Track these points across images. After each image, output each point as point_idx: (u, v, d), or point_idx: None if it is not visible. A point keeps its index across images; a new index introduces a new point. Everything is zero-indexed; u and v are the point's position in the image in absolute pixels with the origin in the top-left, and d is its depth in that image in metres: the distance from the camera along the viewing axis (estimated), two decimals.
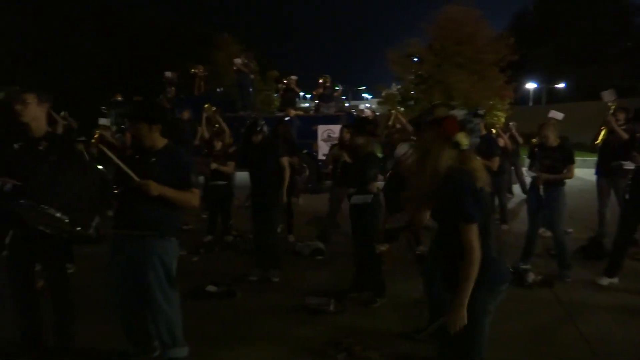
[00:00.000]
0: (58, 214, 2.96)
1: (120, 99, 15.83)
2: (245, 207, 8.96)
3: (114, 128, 13.02)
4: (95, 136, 8.27)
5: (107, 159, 3.19)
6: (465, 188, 2.31)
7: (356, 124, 5.30)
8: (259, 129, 5.64)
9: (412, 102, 23.87)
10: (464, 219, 2.29)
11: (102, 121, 9.46)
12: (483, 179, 2.38)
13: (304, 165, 12.80)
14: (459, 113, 2.44)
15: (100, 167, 3.20)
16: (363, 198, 4.52)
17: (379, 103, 28.87)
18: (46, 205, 2.96)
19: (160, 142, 3.36)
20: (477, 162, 2.42)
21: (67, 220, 3.01)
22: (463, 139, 2.38)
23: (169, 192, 3.21)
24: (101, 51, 29.00)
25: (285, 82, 14.88)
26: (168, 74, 15.37)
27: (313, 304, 4.63)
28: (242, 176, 10.81)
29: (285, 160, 5.80)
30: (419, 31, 24.06)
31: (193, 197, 3.33)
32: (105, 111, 15.96)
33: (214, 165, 7.07)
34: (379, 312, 4.63)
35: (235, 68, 15.00)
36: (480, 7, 22.61)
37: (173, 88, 15.42)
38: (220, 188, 7.27)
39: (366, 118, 6.52)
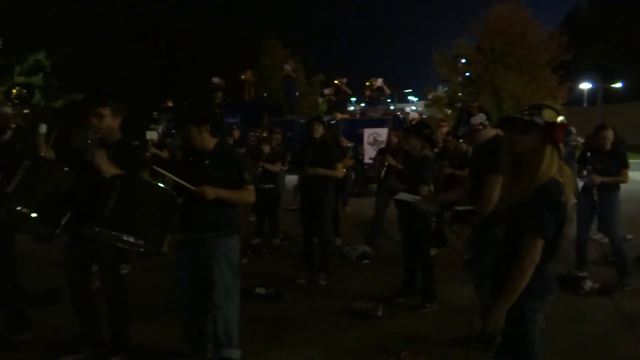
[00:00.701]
0: (132, 239, 3.13)
1: (171, 104, 16.32)
2: (291, 210, 9.09)
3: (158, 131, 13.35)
4: (148, 154, 8.51)
5: (162, 176, 3.32)
6: (553, 203, 2.18)
7: (413, 127, 5.27)
8: (319, 122, 5.72)
9: (459, 105, 23.46)
10: (536, 231, 2.18)
11: (150, 135, 9.71)
12: (569, 193, 2.25)
13: (350, 169, 12.80)
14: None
15: (162, 185, 3.32)
16: (409, 196, 4.49)
17: (425, 106, 28.54)
18: (120, 231, 3.11)
19: (211, 142, 3.45)
20: (568, 175, 2.30)
21: (141, 243, 3.19)
22: (562, 148, 2.29)
23: (225, 194, 3.30)
24: (153, 59, 29.97)
25: (337, 83, 14.89)
26: (215, 79, 15.73)
27: (361, 308, 4.62)
28: (290, 179, 10.99)
29: (340, 166, 5.82)
30: (466, 32, 23.62)
31: (248, 194, 3.42)
32: (156, 116, 16.51)
33: (262, 164, 7.20)
34: (429, 318, 4.56)
35: (285, 73, 15.19)
36: (531, 6, 22.04)
37: (220, 93, 15.77)
38: (267, 191, 7.36)
39: (423, 121, 6.49)
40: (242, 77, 15.99)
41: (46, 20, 24.47)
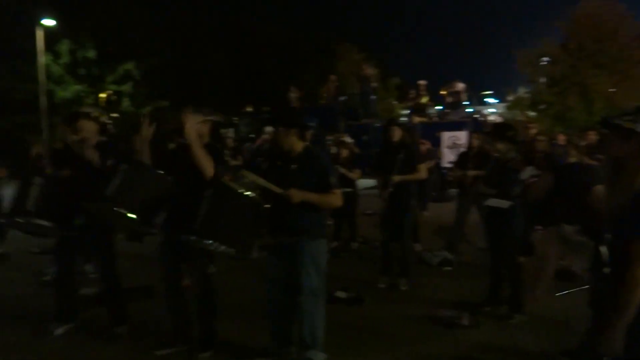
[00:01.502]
0: (223, 248, 3.28)
1: (250, 109, 16.77)
2: (368, 214, 9.06)
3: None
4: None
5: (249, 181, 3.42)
6: None
7: (496, 130, 5.09)
8: (397, 125, 5.68)
9: (543, 106, 22.37)
10: None
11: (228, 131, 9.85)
12: None
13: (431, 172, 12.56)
14: None
15: (248, 193, 3.43)
16: (500, 202, 4.32)
17: (507, 107, 27.46)
18: (212, 240, 3.29)
19: (299, 145, 3.49)
20: None
21: (232, 251, 3.34)
22: None
23: (311, 197, 3.34)
24: (233, 66, 31.02)
25: (420, 83, 14.67)
26: (293, 90, 15.94)
27: (445, 316, 4.49)
28: (367, 183, 10.94)
29: (423, 167, 5.74)
30: (551, 30, 22.52)
31: (335, 198, 3.43)
32: (236, 122, 17.04)
33: (341, 170, 7.21)
34: (516, 330, 4.36)
35: (361, 74, 15.20)
36: (624, 0, 20.62)
37: (297, 97, 15.99)
38: (345, 195, 7.35)
39: (506, 124, 6.25)
40: (332, 77, 16.13)
41: (136, 32, 25.99)
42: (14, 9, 22.45)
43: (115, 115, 5.78)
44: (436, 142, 12.98)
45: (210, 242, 3.33)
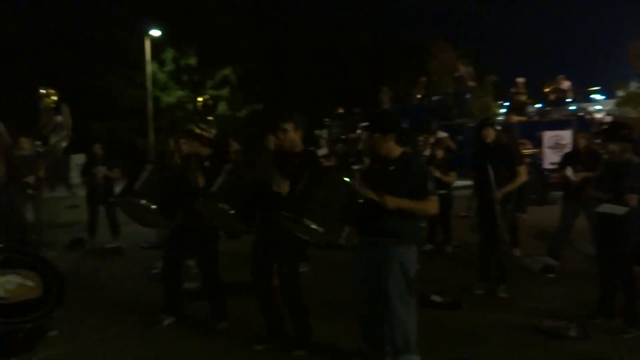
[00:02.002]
0: (314, 226, 3.28)
1: (341, 111, 16.89)
2: (463, 216, 8.77)
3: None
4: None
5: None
6: None
7: (608, 129, 4.72)
8: (490, 126, 5.47)
9: None
10: None
11: (322, 151, 9.98)
12: None
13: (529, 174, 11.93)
14: None
15: (347, 179, 3.42)
16: (614, 208, 4.00)
17: (617, 104, 25.38)
18: (304, 217, 3.30)
19: (396, 150, 3.45)
20: None
21: (321, 231, 3.30)
22: None
23: (407, 204, 3.27)
24: (324, 68, 31.45)
25: (519, 81, 14.03)
26: (385, 91, 15.85)
27: (550, 327, 4.22)
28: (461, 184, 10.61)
29: (523, 169, 5.46)
30: None
31: (431, 205, 3.35)
32: (328, 123, 17.24)
33: (436, 173, 7.04)
34: (632, 345, 4.01)
35: (456, 75, 14.79)
36: None
37: (388, 99, 15.86)
38: (439, 197, 7.17)
39: (619, 122, 5.78)
40: (422, 79, 15.90)
41: (233, 39, 27.15)
42: (126, 21, 24.32)
43: (210, 118, 6.15)
44: (537, 142, 12.30)
45: (302, 218, 3.30)
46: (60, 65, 25.02)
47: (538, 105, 15.02)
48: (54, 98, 4.84)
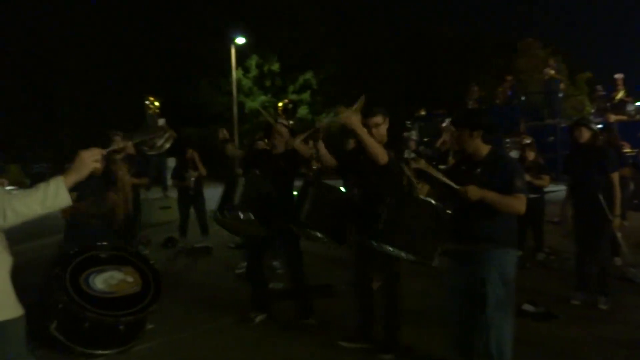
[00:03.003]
0: (403, 254, 3.33)
1: (423, 113, 16.58)
2: (555, 222, 8.28)
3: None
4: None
5: (429, 176, 3.36)
6: None
7: None
8: (584, 126, 5.15)
9: None
10: None
11: (407, 154, 9.79)
12: None
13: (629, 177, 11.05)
14: None
15: (432, 202, 3.40)
16: None
17: None
18: (393, 247, 3.35)
19: (484, 148, 3.33)
20: None
21: (412, 258, 3.33)
22: None
23: (491, 196, 3.14)
24: (407, 69, 31.08)
25: (617, 77, 13.11)
26: (474, 88, 15.36)
27: None
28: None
29: (615, 176, 5.07)
30: None
31: (517, 203, 3.18)
32: (409, 125, 17.00)
33: (527, 177, 6.71)
34: None
35: (547, 72, 14.06)
36: None
37: (474, 99, 15.37)
38: (531, 201, 6.82)
39: None
40: (508, 77, 15.28)
41: (314, 44, 27.55)
42: (213, 31, 25.46)
43: (291, 122, 6.28)
44: (637, 143, 11.39)
45: (391, 248, 3.37)
46: (155, 75, 26.62)
47: (639, 104, 13.93)
48: (157, 104, 5.21)
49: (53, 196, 2.03)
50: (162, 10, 27.92)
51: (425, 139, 15.18)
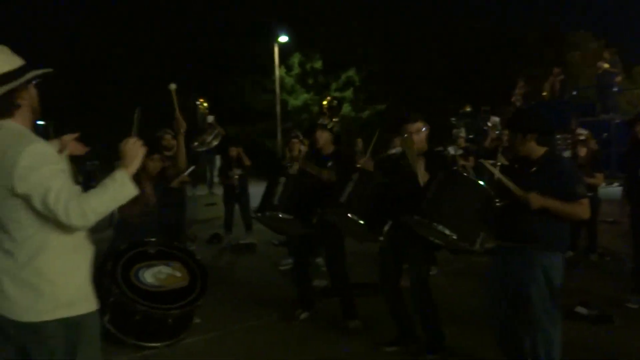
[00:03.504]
0: (447, 231, 3.17)
1: (469, 109, 16.24)
2: (610, 222, 7.95)
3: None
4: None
5: (486, 172, 3.26)
6: None
7: None
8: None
9: None
10: None
11: (452, 150, 9.52)
12: None
13: None
14: None
15: (482, 183, 3.28)
16: None
17: None
18: (436, 222, 3.21)
19: (538, 151, 3.21)
20: None
21: (455, 237, 3.19)
22: None
23: (554, 205, 3.02)
24: (451, 65, 30.53)
25: None
26: (521, 82, 14.94)
27: None
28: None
29: None
30: None
31: (581, 209, 3.07)
32: (454, 122, 16.70)
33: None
34: None
35: (599, 71, 13.51)
36: None
37: (520, 95, 14.96)
38: None
39: None
40: (556, 70, 14.77)
41: (356, 41, 27.45)
42: (256, 30, 25.75)
43: (335, 119, 6.29)
44: None
45: (434, 223, 3.20)
46: (200, 74, 27.18)
47: None
48: (206, 105, 5.36)
49: (121, 189, 2.07)
50: (206, 11, 28.48)
51: (471, 136, 14.89)
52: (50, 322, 2.02)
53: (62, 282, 2.06)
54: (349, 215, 3.71)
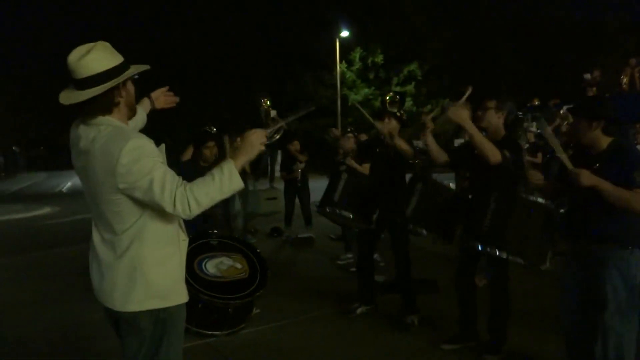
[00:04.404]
0: (509, 257, 3.22)
1: (537, 103, 15.61)
2: None
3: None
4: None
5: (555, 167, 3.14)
6: None
7: None
8: None
9: None
10: None
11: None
12: None
13: None
14: None
15: (541, 200, 3.22)
16: None
17: None
18: (500, 250, 3.25)
19: (604, 140, 3.01)
20: None
21: (523, 263, 3.21)
22: None
23: (605, 185, 2.81)
24: (519, 58, 29.42)
25: None
26: (587, 76, 14.17)
27: None
28: None
29: None
30: None
31: (635, 199, 2.79)
32: (521, 116, 16.09)
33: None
34: None
35: None
36: None
37: (594, 88, 14.18)
38: None
39: None
40: (632, 61, 13.87)
41: (418, 34, 26.97)
42: (317, 25, 25.89)
43: (397, 113, 6.20)
44: None
45: (498, 251, 3.25)
46: (262, 70, 27.67)
47: None
48: (269, 103, 5.49)
49: (228, 181, 2.04)
50: (268, 7, 28.92)
51: (539, 130, 14.31)
52: (144, 312, 2.09)
53: (156, 274, 2.10)
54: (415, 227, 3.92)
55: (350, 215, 4.24)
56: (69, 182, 25.36)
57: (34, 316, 4.97)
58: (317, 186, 7.05)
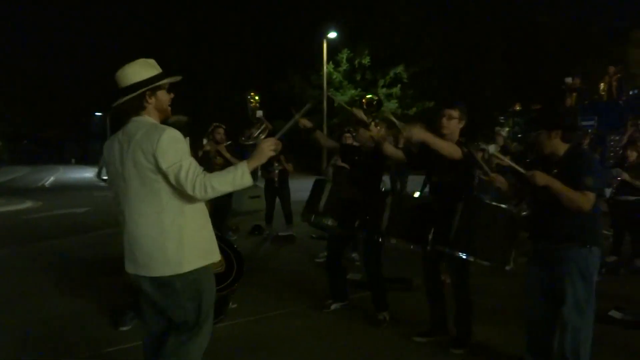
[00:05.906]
0: (478, 261, 3.41)
1: (518, 108, 15.88)
2: None
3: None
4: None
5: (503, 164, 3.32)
6: None
7: None
8: None
9: None
10: None
11: (492, 148, 9.39)
12: None
13: None
14: None
15: (503, 206, 3.45)
16: None
17: None
18: (467, 254, 3.44)
19: (562, 148, 3.20)
20: None
21: (487, 264, 3.41)
22: None
23: (556, 185, 3.03)
24: (504, 63, 29.77)
25: None
26: (568, 80, 14.47)
27: None
28: None
29: None
30: None
31: (581, 199, 3.00)
32: (502, 121, 16.35)
33: (625, 176, 6.29)
34: None
35: None
36: None
37: (574, 94, 14.47)
38: (628, 204, 6.40)
39: None
40: (605, 78, 14.22)
41: (406, 37, 27.18)
42: (305, 25, 25.98)
43: (374, 114, 6.27)
44: None
45: (464, 254, 3.45)
46: (251, 69, 27.70)
47: None
48: (257, 98, 5.58)
49: (240, 177, 2.48)
50: (256, 7, 28.94)
51: (520, 135, 14.57)
52: (193, 271, 2.52)
53: (197, 237, 2.56)
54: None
55: (335, 224, 4.38)
56: (52, 177, 25.18)
57: (13, 309, 5.01)
58: (299, 186, 7.15)
